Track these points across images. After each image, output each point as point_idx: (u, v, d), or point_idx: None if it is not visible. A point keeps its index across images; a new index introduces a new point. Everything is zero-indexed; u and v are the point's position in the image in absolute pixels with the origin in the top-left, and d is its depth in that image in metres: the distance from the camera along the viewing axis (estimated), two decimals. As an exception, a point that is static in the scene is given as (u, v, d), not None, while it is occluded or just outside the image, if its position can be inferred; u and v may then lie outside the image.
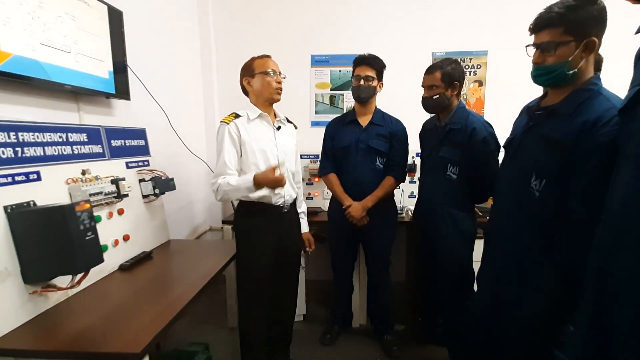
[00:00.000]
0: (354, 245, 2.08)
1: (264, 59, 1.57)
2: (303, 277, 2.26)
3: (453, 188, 1.66)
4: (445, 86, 1.65)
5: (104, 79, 1.53)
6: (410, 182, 2.60)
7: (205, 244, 2.19)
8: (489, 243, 1.37)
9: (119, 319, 1.04)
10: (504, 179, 1.29)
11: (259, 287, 1.56)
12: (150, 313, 1.07)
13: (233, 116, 1.53)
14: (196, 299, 1.20)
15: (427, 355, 2.00)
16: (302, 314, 2.33)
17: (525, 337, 1.13)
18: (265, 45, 2.62)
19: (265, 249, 1.55)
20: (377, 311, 2.12)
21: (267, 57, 1.58)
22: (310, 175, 2.66)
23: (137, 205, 1.60)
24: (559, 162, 1.04)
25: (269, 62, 1.56)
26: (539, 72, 1.10)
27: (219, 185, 1.48)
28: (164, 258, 1.61)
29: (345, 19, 2.68)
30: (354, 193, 1.92)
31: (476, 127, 1.59)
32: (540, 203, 1.10)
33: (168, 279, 1.42)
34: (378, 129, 1.93)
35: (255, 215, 1.55)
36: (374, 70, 1.86)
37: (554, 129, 1.07)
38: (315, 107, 2.78)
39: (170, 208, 1.95)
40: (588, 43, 1.01)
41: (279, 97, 1.58)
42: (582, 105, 1.03)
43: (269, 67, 1.53)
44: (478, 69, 2.67)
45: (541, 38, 1.07)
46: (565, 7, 1.01)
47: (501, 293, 1.22)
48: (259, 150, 1.52)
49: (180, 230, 2.27)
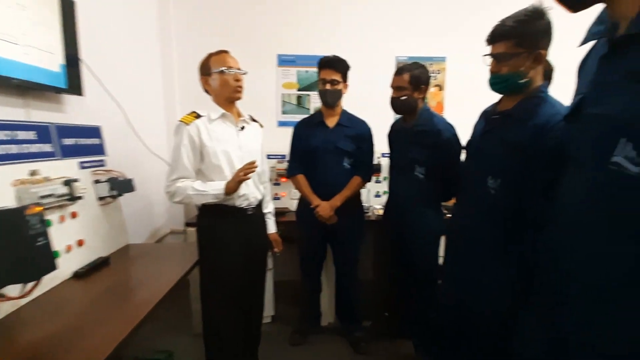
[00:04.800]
0: (322, 245, 2.10)
1: (220, 55, 1.49)
2: (271, 278, 2.24)
3: (421, 187, 1.74)
4: (413, 88, 1.73)
5: (55, 72, 1.41)
6: (376, 181, 2.67)
7: (167, 247, 2.10)
8: (452, 239, 1.45)
9: (75, 331, 0.96)
10: (464, 178, 1.37)
11: (225, 291, 1.51)
12: (109, 323, 1.00)
13: (194, 116, 1.47)
14: (159, 305, 1.15)
15: (394, 349, 2.07)
16: (270, 315, 2.31)
17: (487, 329, 1.21)
18: (230, 41, 2.54)
19: (231, 252, 1.51)
20: (345, 309, 2.16)
21: (224, 52, 1.50)
22: (277, 176, 2.64)
23: (92, 208, 1.49)
24: (513, 163, 1.13)
25: (226, 59, 1.47)
26: (496, 81, 1.19)
27: (177, 188, 1.42)
28: (122, 263, 1.52)
29: (312, 20, 2.70)
30: (322, 193, 1.94)
31: (441, 128, 1.68)
32: (496, 201, 1.18)
33: (128, 285, 1.34)
34: (345, 130, 1.96)
35: (220, 218, 1.51)
36: (339, 74, 1.89)
37: (508, 132, 1.16)
38: (282, 107, 2.77)
39: (129, 210, 1.85)
40: (537, 55, 1.11)
41: (240, 95, 1.52)
42: (532, 111, 1.13)
43: (225, 65, 1.46)
44: (438, 74, 2.81)
45: (497, 49, 1.16)
46: (517, 21, 1.10)
47: (464, 286, 1.30)
48: (222, 152, 1.47)
49: (139, 234, 2.15)
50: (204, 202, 1.46)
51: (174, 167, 1.45)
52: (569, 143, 0.91)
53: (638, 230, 0.67)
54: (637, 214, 0.67)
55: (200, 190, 1.42)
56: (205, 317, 1.57)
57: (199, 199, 1.44)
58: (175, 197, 1.45)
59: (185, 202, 1.46)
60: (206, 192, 1.42)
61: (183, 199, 1.44)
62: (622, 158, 0.68)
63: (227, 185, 1.42)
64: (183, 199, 1.44)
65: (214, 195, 1.42)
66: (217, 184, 1.43)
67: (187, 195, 1.42)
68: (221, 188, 1.42)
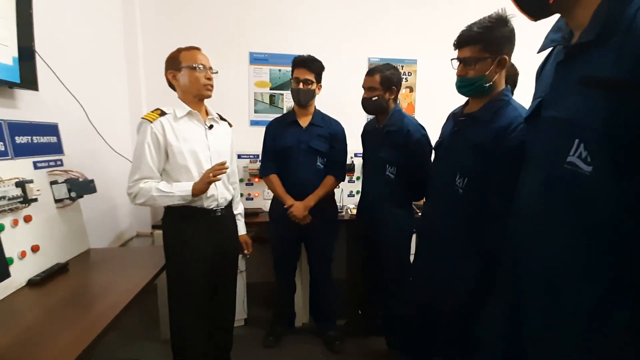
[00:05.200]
0: (296, 245, 2.08)
1: (191, 51, 1.44)
2: (243, 281, 2.20)
3: (392, 187, 1.78)
4: (384, 89, 1.76)
5: (7, 66, 1.29)
6: (349, 181, 2.69)
7: (132, 251, 2.00)
8: (422, 237, 1.49)
9: (29, 343, 0.90)
10: (434, 178, 1.42)
11: (193, 296, 1.46)
12: (68, 334, 0.94)
13: (158, 113, 1.40)
14: (124, 312, 1.09)
15: (367, 346, 2.10)
16: (243, 318, 2.27)
17: (455, 321, 1.26)
18: (200, 36, 2.47)
19: (200, 255, 1.46)
20: (320, 308, 2.16)
21: (195, 49, 1.46)
22: (250, 176, 2.60)
23: (48, 211, 1.39)
24: (478, 162, 1.18)
25: (197, 56, 1.43)
26: (463, 84, 1.23)
27: (140, 189, 1.36)
28: (83, 270, 1.43)
29: (285, 18, 2.67)
30: (295, 193, 1.92)
31: (411, 129, 1.73)
32: (463, 199, 1.23)
33: (89, 293, 1.27)
34: (318, 130, 1.96)
35: (187, 220, 1.45)
36: (313, 74, 1.88)
37: (474, 133, 1.21)
38: (254, 106, 2.72)
39: (90, 213, 1.74)
40: (501, 60, 1.17)
41: (210, 93, 1.48)
42: (496, 113, 1.19)
43: (198, 62, 1.42)
44: (409, 76, 2.88)
45: (464, 53, 1.21)
46: (483, 27, 1.15)
47: (433, 281, 1.35)
48: (189, 152, 1.42)
49: (102, 238, 2.03)
50: (169, 204, 1.40)
51: (136, 167, 1.38)
52: (528, 143, 0.96)
53: (590, 225, 0.72)
54: (589, 210, 0.72)
55: (165, 192, 1.36)
56: (173, 323, 1.52)
57: (164, 200, 1.38)
58: (137, 198, 1.38)
59: (149, 204, 1.40)
60: (172, 194, 1.37)
61: (146, 201, 1.38)
62: (576, 158, 0.73)
63: (194, 186, 1.38)
64: (146, 201, 1.38)
65: (180, 196, 1.37)
66: (183, 185, 1.39)
67: (150, 197, 1.36)
68: (188, 189, 1.37)
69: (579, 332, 0.74)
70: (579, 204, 0.74)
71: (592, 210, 0.72)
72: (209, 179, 1.36)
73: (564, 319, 0.77)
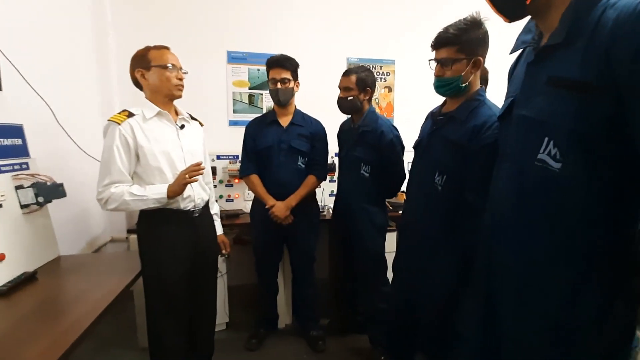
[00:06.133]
0: (278, 246, 2.07)
1: (161, 50, 1.40)
2: (225, 283, 2.17)
3: (366, 185, 1.83)
4: (359, 90, 1.81)
5: (-39, 61, 1.22)
6: (331, 180, 2.70)
7: (106, 257, 1.93)
8: (403, 233, 1.52)
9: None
10: (414, 176, 1.45)
11: (171, 301, 1.42)
12: (38, 345, 0.89)
13: (125, 115, 1.36)
14: (98, 321, 1.05)
15: (351, 344, 2.11)
16: (224, 322, 2.23)
17: (434, 313, 1.29)
18: (176, 34, 2.43)
19: (177, 259, 1.43)
20: (303, 309, 2.16)
21: (165, 48, 1.42)
22: (230, 177, 2.55)
23: (13, 218, 1.32)
24: (456, 160, 1.22)
25: (167, 55, 1.40)
26: (440, 84, 1.27)
27: (111, 194, 1.31)
28: (53, 278, 1.36)
29: (265, 17, 2.64)
30: (276, 193, 1.91)
31: (384, 129, 1.78)
32: (442, 196, 1.26)
33: (60, 302, 1.20)
34: (299, 129, 1.95)
35: (163, 222, 1.41)
36: (289, 72, 1.87)
37: (452, 132, 1.25)
38: (233, 106, 2.68)
39: (60, 218, 1.66)
40: (476, 61, 1.20)
41: (181, 93, 1.44)
42: (472, 112, 1.22)
43: (168, 61, 1.38)
44: (387, 76, 2.92)
45: (441, 54, 1.24)
46: (459, 29, 1.19)
47: (414, 277, 1.37)
48: (161, 153, 1.38)
49: (74, 244, 1.94)
50: (143, 207, 1.36)
51: (105, 172, 1.33)
52: (501, 141, 0.99)
53: (560, 219, 0.76)
54: (559, 205, 0.76)
55: (139, 196, 1.32)
56: (151, 330, 1.47)
57: (137, 204, 1.34)
58: (109, 204, 1.33)
59: (122, 209, 1.35)
60: (146, 197, 1.33)
61: (119, 206, 1.33)
62: (546, 155, 0.76)
63: (169, 188, 1.34)
64: (119, 206, 1.33)
65: (155, 199, 1.34)
66: (158, 188, 1.35)
67: (123, 202, 1.32)
68: (163, 192, 1.33)
69: (551, 324, 0.77)
70: (550, 199, 0.77)
71: (562, 205, 0.75)
72: (184, 180, 1.33)
73: (536, 312, 0.80)
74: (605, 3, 0.68)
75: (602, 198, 0.71)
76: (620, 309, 0.71)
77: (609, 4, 0.67)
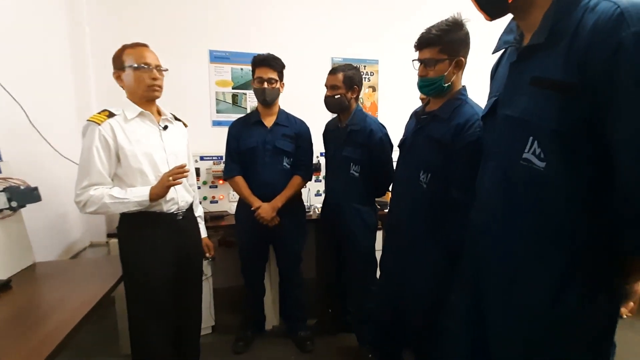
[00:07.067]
0: (264, 248, 2.05)
1: (136, 48, 1.34)
2: (210, 286, 2.13)
3: (356, 185, 1.82)
4: (346, 88, 1.79)
5: None
6: (316, 180, 2.69)
7: (85, 263, 1.86)
8: (390, 231, 1.54)
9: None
10: (399, 174, 1.47)
11: (155, 306, 1.39)
12: (14, 356, 0.85)
13: (106, 115, 1.32)
14: (78, 329, 1.01)
15: (339, 343, 2.11)
16: (210, 325, 2.19)
17: (422, 309, 1.31)
18: (156, 32, 2.37)
19: (160, 263, 1.39)
20: (290, 309, 2.14)
21: (140, 46, 1.35)
22: (214, 178, 2.51)
23: (-16, 224, 1.25)
24: (440, 158, 1.24)
25: (142, 54, 1.33)
26: (424, 84, 1.28)
27: (90, 196, 1.27)
28: (28, 286, 1.30)
29: (247, 16, 2.61)
30: (262, 194, 1.88)
31: (373, 128, 1.77)
32: (427, 194, 1.28)
33: (36, 310, 1.15)
34: (283, 130, 1.94)
35: (146, 225, 1.38)
36: (276, 72, 1.85)
37: (436, 130, 1.27)
38: (216, 106, 2.64)
39: (35, 224, 1.59)
40: (457, 61, 1.23)
41: (157, 94, 1.38)
42: (454, 111, 1.24)
43: (141, 60, 1.32)
44: (371, 75, 2.94)
45: (424, 55, 1.25)
46: (441, 30, 1.21)
47: (401, 274, 1.39)
48: (143, 154, 1.34)
49: (50, 250, 1.86)
50: (124, 210, 1.31)
51: (84, 174, 1.28)
52: (486, 141, 1.01)
53: (545, 216, 0.78)
54: (543, 203, 0.78)
55: (119, 198, 1.28)
56: (134, 336, 1.43)
57: (118, 207, 1.29)
58: (87, 207, 1.28)
59: (101, 212, 1.30)
60: (127, 200, 1.29)
61: (98, 209, 1.28)
62: (530, 155, 0.78)
63: (152, 190, 1.30)
64: (98, 209, 1.28)
65: (136, 202, 1.30)
66: (140, 190, 1.31)
67: (103, 205, 1.27)
68: (145, 194, 1.30)
69: (537, 317, 0.79)
70: (535, 197, 0.79)
71: (546, 203, 0.77)
72: (168, 182, 1.30)
73: (523, 306, 0.82)
74: (585, 5, 0.70)
75: (585, 196, 0.73)
76: (603, 302, 0.74)
77: (588, 6, 0.69)
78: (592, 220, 0.73)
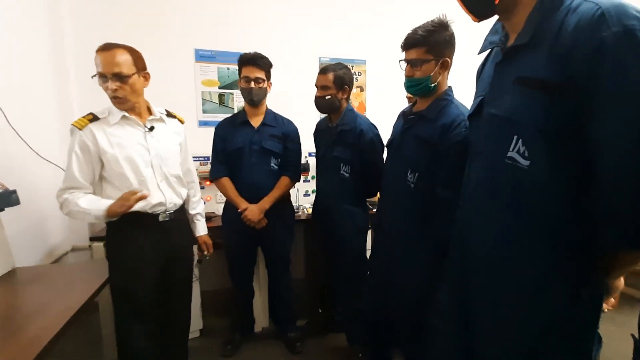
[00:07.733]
0: (252, 249, 2.03)
1: (97, 53, 1.25)
2: (198, 289, 2.10)
3: (347, 185, 1.80)
4: (337, 88, 1.77)
5: None
6: (305, 181, 2.69)
7: (67, 268, 1.80)
8: (378, 231, 1.55)
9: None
10: (387, 174, 1.48)
11: (141, 309, 1.37)
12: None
13: (89, 119, 1.30)
14: (60, 336, 0.98)
15: (328, 344, 2.11)
16: (198, 329, 2.16)
17: (410, 308, 1.31)
18: (139, 31, 2.32)
19: (147, 266, 1.37)
20: (279, 311, 2.13)
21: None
22: (200, 179, 2.46)
23: (-41, 229, 1.20)
24: (427, 158, 1.25)
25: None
26: (411, 84, 1.30)
27: (64, 199, 1.28)
28: (8, 292, 1.26)
29: (234, 15, 2.58)
30: (249, 195, 1.86)
31: (364, 128, 1.76)
32: (415, 193, 1.29)
33: (17, 317, 1.11)
34: (271, 130, 1.92)
35: (132, 227, 1.35)
36: (263, 71, 1.83)
37: (423, 130, 1.28)
38: (202, 106, 2.60)
39: (15, 228, 1.53)
40: (443, 62, 1.24)
41: (121, 106, 1.31)
42: (441, 111, 1.26)
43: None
44: (359, 75, 2.95)
45: (410, 55, 1.27)
46: (427, 31, 1.22)
47: (389, 273, 1.40)
48: (125, 158, 1.32)
49: (31, 255, 1.80)
50: (89, 221, 1.33)
51: (65, 176, 1.30)
52: (472, 140, 1.03)
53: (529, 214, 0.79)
54: (528, 201, 0.79)
55: (83, 208, 1.27)
56: (120, 342, 1.40)
57: (82, 216, 1.29)
58: (63, 209, 1.31)
59: (72, 216, 1.32)
60: (89, 211, 1.27)
61: (69, 213, 1.30)
62: (515, 153, 0.79)
63: (110, 207, 1.27)
64: (69, 213, 1.30)
65: (94, 216, 1.28)
66: (100, 204, 1.28)
67: (71, 210, 1.29)
68: (102, 209, 1.27)
69: (523, 313, 0.81)
70: (519, 195, 0.80)
71: (531, 201, 0.79)
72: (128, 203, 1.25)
73: (509, 302, 0.83)
74: (568, 6, 0.72)
75: (568, 194, 0.75)
76: (586, 298, 0.76)
77: (571, 7, 0.71)
78: (576, 218, 0.75)
